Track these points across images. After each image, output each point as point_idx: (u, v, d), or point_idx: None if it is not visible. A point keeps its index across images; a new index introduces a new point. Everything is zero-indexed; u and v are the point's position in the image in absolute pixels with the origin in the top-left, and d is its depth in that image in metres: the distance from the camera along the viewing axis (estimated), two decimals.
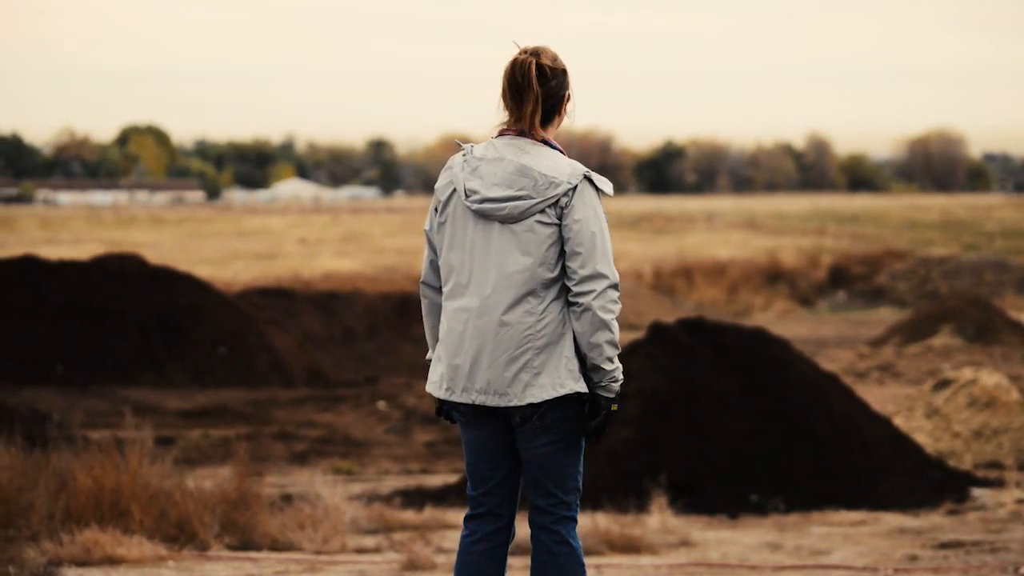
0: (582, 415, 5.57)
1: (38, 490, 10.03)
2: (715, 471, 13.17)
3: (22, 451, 10.38)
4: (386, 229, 68.03)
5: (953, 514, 12.78)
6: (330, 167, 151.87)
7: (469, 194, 5.54)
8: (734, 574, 9.92)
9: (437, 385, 5.62)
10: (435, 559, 9.73)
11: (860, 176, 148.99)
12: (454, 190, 5.59)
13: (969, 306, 29.72)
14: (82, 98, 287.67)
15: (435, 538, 11.07)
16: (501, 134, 5.62)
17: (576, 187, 5.49)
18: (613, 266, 5.50)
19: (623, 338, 11.06)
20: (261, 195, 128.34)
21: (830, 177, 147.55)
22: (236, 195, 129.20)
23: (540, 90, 5.54)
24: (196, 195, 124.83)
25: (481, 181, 5.54)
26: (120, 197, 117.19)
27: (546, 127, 5.61)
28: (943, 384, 16.42)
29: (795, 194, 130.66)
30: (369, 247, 55.97)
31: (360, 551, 10.48)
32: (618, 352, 5.53)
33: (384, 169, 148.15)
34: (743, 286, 41.20)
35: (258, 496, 10.63)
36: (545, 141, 5.59)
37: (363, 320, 28.59)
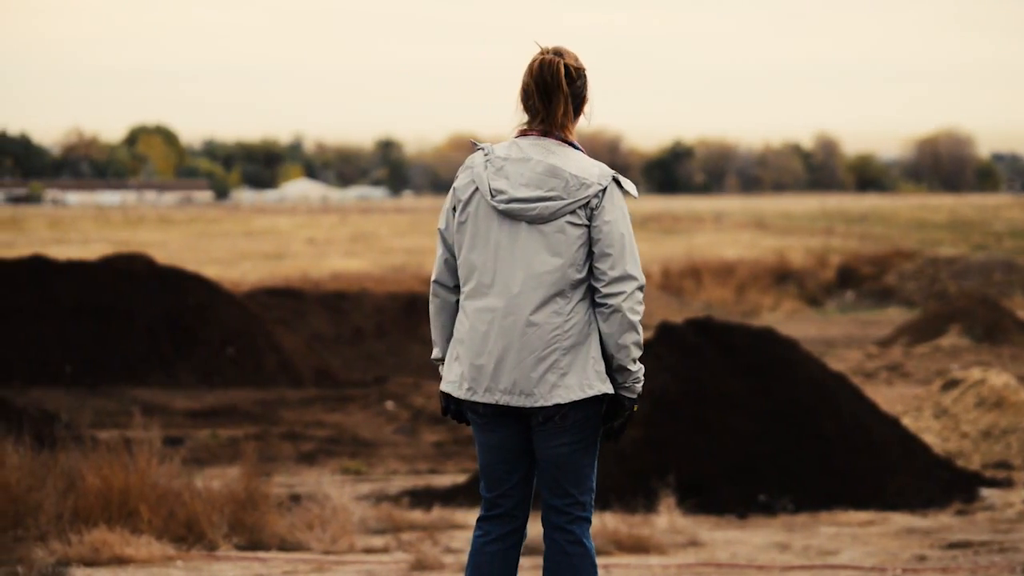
0: (600, 415, 5.55)
1: (46, 490, 10.04)
2: (723, 471, 13.17)
3: (31, 451, 10.39)
4: (394, 229, 67.96)
5: (962, 514, 12.78)
6: (338, 167, 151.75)
7: (495, 193, 5.50)
8: (743, 574, 9.91)
9: (456, 385, 5.55)
10: (443, 559, 9.73)
11: (868, 176, 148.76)
12: (476, 189, 5.54)
13: (978, 306, 29.72)
14: (87, 98, 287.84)
15: (443, 538, 11.08)
16: (523, 134, 5.58)
17: (606, 188, 5.48)
18: (640, 268, 5.49)
19: None
20: (269, 195, 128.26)
21: (838, 177, 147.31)
22: (244, 195, 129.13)
23: (568, 90, 5.52)
24: (204, 195, 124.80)
25: (507, 181, 5.50)
26: (128, 197, 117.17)
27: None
28: (951, 384, 16.41)
29: (803, 194, 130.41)
30: (377, 247, 55.91)
31: (368, 551, 10.48)
32: (642, 353, 5.51)
33: (392, 169, 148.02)
34: (751, 286, 41.15)
35: (266, 496, 10.63)
36: (569, 142, 5.57)
37: (371, 320, 28.58)
